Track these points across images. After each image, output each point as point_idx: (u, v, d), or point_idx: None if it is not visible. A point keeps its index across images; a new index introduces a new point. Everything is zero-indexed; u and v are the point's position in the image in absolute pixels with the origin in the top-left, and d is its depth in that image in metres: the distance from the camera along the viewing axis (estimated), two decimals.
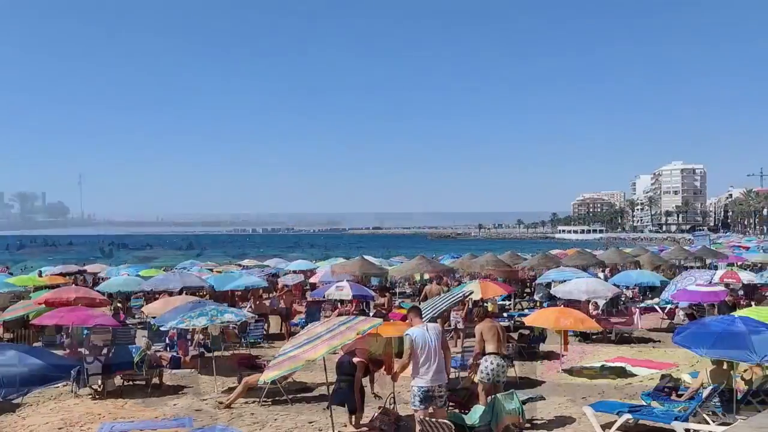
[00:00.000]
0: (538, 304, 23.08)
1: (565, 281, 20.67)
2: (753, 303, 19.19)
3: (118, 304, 22.68)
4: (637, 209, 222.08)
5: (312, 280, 30.37)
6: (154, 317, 15.97)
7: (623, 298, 22.48)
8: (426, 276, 25.28)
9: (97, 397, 11.96)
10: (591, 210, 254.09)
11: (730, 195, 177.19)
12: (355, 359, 9.26)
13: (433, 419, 7.62)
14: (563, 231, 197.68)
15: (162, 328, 14.54)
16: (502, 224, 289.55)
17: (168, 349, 16.19)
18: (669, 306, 20.30)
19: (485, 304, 12.89)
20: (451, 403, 9.37)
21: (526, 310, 21.85)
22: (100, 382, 12.08)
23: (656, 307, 21.83)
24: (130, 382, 12.68)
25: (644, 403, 9.66)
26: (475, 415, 8.92)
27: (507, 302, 23.45)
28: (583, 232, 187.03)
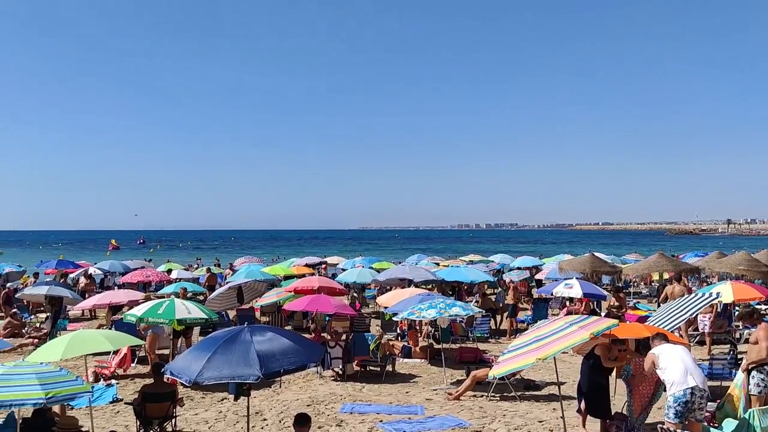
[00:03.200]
0: None
1: None
2: None
3: (354, 294, 24.40)
4: None
5: (538, 276, 29.81)
6: (386, 307, 16.84)
7: None
8: (665, 275, 23.27)
9: (338, 379, 13.01)
10: None
11: None
12: (597, 349, 8.69)
13: (678, 430, 6.97)
14: None
15: (394, 318, 15.27)
16: (756, 219, 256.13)
17: (399, 338, 17.02)
18: None
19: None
20: None
21: None
22: (341, 365, 13.13)
23: None
24: (367, 368, 13.55)
25: None
26: (727, 428, 8.02)
27: (763, 307, 20.68)
28: None
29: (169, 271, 30.36)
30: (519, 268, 31.83)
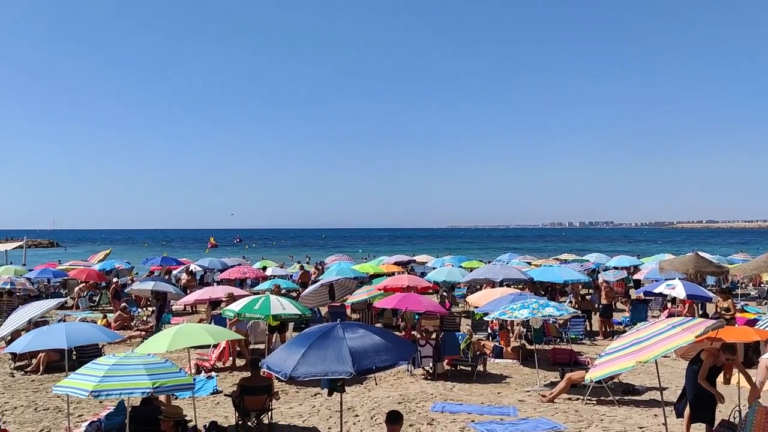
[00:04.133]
0: None
1: None
2: None
3: (444, 293, 24.28)
4: None
5: (636, 276, 28.61)
6: (476, 307, 16.65)
7: None
8: None
9: (428, 378, 12.99)
10: None
11: None
12: (703, 354, 8.11)
13: None
14: None
15: (485, 318, 15.09)
16: None
17: (490, 338, 16.80)
18: None
19: None
20: None
21: None
22: (431, 364, 13.10)
23: None
24: (457, 367, 13.45)
25: None
26: None
27: None
28: None
29: (264, 269, 31.37)
30: (615, 268, 30.63)
